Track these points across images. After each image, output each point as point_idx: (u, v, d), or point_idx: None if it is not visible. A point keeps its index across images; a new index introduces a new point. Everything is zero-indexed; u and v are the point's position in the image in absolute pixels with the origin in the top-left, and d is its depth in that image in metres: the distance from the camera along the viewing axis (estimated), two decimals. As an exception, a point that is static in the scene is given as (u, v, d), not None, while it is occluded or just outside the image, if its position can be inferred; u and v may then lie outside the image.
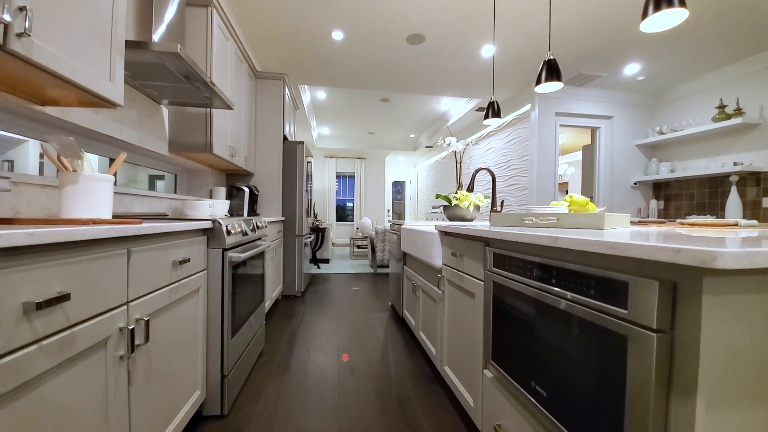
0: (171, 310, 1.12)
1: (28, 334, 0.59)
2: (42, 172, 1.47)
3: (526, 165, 4.53)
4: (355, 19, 2.91)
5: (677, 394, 0.55)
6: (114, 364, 0.83)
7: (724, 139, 3.82)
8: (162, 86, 1.76)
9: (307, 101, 5.42)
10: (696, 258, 0.48)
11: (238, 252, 1.56)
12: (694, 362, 0.53)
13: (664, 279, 0.56)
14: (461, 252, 1.40)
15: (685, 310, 0.54)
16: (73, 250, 0.70)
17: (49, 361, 0.64)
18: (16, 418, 0.58)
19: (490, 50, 3.42)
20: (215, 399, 1.43)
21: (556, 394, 0.80)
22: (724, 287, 0.52)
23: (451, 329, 1.52)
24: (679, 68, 3.76)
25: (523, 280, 0.94)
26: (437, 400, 1.60)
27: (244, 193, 2.98)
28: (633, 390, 0.59)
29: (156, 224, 0.98)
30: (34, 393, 0.61)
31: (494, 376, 1.13)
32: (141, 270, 0.94)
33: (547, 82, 1.90)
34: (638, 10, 2.68)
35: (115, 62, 1.24)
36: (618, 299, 0.63)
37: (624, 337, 0.61)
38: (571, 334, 0.75)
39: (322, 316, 2.87)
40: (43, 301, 0.60)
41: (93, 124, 1.51)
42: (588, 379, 0.70)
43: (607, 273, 0.66)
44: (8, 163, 1.37)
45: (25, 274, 0.59)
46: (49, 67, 0.97)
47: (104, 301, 0.79)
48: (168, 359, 1.10)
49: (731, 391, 0.53)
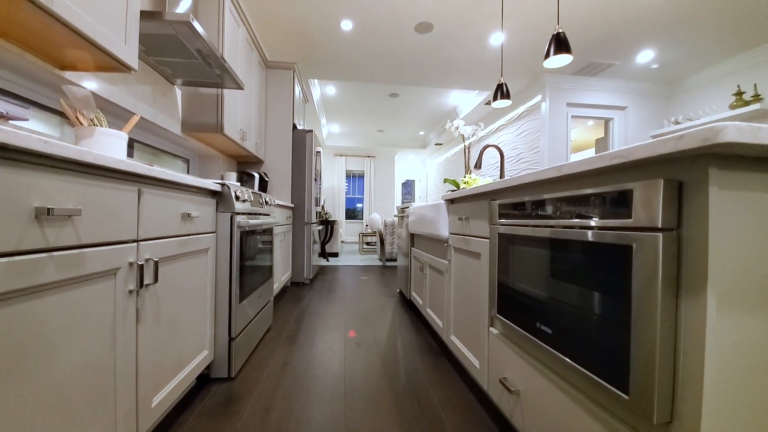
0: (180, 261, 1.15)
1: (39, 240, 0.62)
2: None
3: (537, 158, 4.47)
4: (363, 8, 2.95)
5: (687, 295, 0.53)
6: (123, 297, 0.85)
7: (744, 126, 3.71)
8: (175, 63, 1.82)
9: (317, 97, 5.49)
10: (699, 138, 0.46)
11: (247, 219, 1.58)
12: (703, 260, 0.51)
13: (670, 179, 0.55)
14: (467, 215, 1.39)
15: (692, 207, 0.53)
16: (86, 173, 0.73)
17: (59, 273, 0.66)
18: (24, 320, 0.60)
19: (499, 38, 3.41)
20: (223, 362, 1.44)
21: (561, 329, 0.78)
22: (730, 181, 0.51)
23: (458, 298, 1.51)
24: (694, 56, 3.67)
25: (528, 222, 0.93)
26: (443, 370, 1.58)
27: (254, 178, 3.03)
28: (639, 297, 0.57)
29: (167, 171, 1.00)
30: (43, 300, 0.63)
31: (500, 332, 1.11)
32: (151, 213, 0.96)
33: (556, 55, 1.88)
34: (650, -10, 2.64)
35: (131, 27, 1.29)
36: (622, 210, 0.61)
37: (629, 247, 0.59)
38: (576, 262, 0.74)
39: (330, 300, 2.88)
40: (55, 207, 0.62)
41: (109, 95, 1.56)
42: (593, 302, 0.68)
43: (610, 188, 0.64)
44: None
45: (39, 180, 0.61)
46: (69, 21, 1.01)
47: (115, 232, 0.81)
48: (176, 311, 1.12)
49: (745, 290, 0.51)
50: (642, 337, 0.57)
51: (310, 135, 3.51)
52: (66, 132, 1.50)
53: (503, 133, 5.31)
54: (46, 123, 1.43)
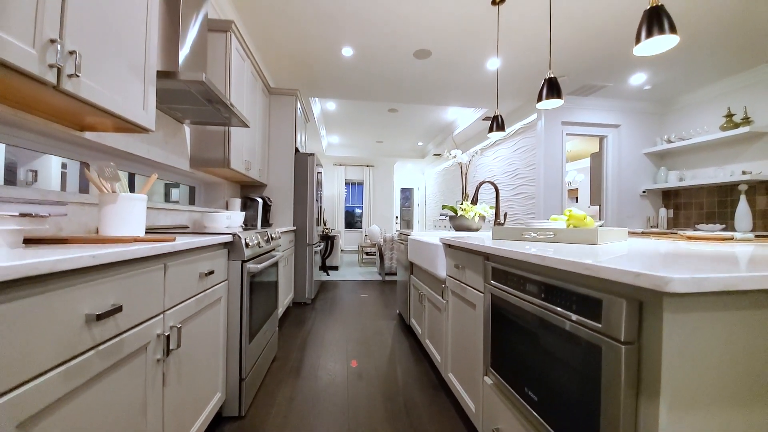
0: (198, 317, 1.24)
1: (88, 341, 0.71)
2: (65, 182, 1.58)
3: (533, 174, 4.58)
4: (363, 36, 3.04)
5: (644, 397, 0.63)
6: (152, 367, 0.94)
7: (733, 147, 3.82)
8: (186, 108, 1.91)
9: (317, 112, 5.59)
10: (652, 282, 0.56)
11: (255, 263, 1.68)
12: (657, 370, 0.61)
13: (632, 297, 0.64)
14: (463, 264, 1.48)
15: (650, 325, 0.62)
16: (123, 267, 0.82)
17: (103, 363, 0.75)
18: (78, 411, 0.69)
19: (495, 63, 3.51)
20: (234, 400, 1.54)
21: (545, 399, 0.88)
22: (681, 306, 0.60)
23: (455, 338, 1.60)
24: (687, 78, 3.79)
25: (517, 294, 1.03)
26: (442, 405, 1.68)
27: (257, 204, 3.12)
28: (607, 394, 0.67)
29: (187, 240, 1.10)
30: (91, 390, 0.73)
31: (493, 383, 1.21)
32: (174, 282, 1.05)
33: (547, 100, 1.99)
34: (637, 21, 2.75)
35: (148, 92, 1.38)
36: (594, 314, 0.71)
37: (599, 348, 0.69)
38: (557, 343, 0.83)
39: (331, 323, 2.97)
40: (103, 312, 0.71)
41: (126, 146, 1.65)
42: (571, 384, 0.78)
43: (585, 291, 0.74)
44: (32, 173, 1.50)
45: (87, 289, 0.71)
46: (93, 101, 1.10)
47: (147, 310, 0.91)
48: (195, 363, 1.22)
49: (690, 395, 0.61)
50: (609, 428, 0.66)
51: (311, 158, 3.60)
52: (69, 175, 1.59)
53: (500, 148, 5.42)
54: (47, 171, 1.51)
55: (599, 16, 2.66)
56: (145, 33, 1.33)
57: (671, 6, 2.53)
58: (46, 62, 0.88)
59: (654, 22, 1.36)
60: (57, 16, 0.92)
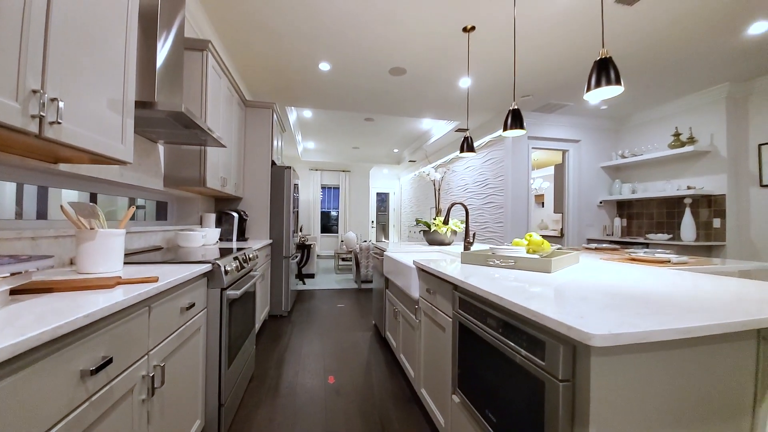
0: (179, 351, 1.27)
1: (83, 394, 0.75)
2: (20, 199, 1.48)
3: (502, 184, 4.82)
4: (340, 53, 3.11)
5: (577, 428, 0.76)
6: (138, 407, 0.98)
7: (680, 164, 4.21)
8: (161, 132, 1.91)
9: (293, 119, 5.57)
10: (580, 336, 0.69)
11: (234, 289, 1.71)
12: (587, 404, 0.74)
13: (568, 341, 0.77)
14: (434, 289, 1.60)
15: (581, 366, 0.75)
16: (111, 318, 0.86)
17: (96, 413, 0.79)
18: (75, 462, 0.73)
19: (466, 82, 3.69)
20: (212, 427, 1.57)
21: (503, 422, 1.00)
22: (605, 350, 0.74)
23: (427, 355, 1.72)
24: (639, 98, 4.13)
25: (480, 324, 1.15)
26: (415, 419, 1.79)
27: (233, 218, 3.11)
28: (549, 424, 0.80)
29: (169, 279, 1.13)
30: (85, 439, 0.77)
31: (460, 401, 1.33)
32: (157, 321, 1.09)
33: (512, 129, 2.15)
34: (595, 53, 3.00)
35: (126, 125, 1.39)
36: (539, 353, 0.84)
37: (543, 382, 0.82)
38: (512, 373, 0.96)
39: (308, 336, 3.02)
40: (96, 367, 0.76)
41: (98, 172, 1.64)
42: (522, 411, 0.90)
43: (533, 332, 0.87)
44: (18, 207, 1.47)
45: (81, 347, 0.75)
46: (75, 145, 1.11)
47: (133, 355, 0.94)
48: (176, 395, 1.25)
49: (616, 426, 0.75)
50: (551, 451, 0.79)
51: (288, 171, 3.62)
52: (26, 199, 1.57)
53: (471, 158, 5.65)
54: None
55: (562, 45, 2.88)
56: (123, 65, 1.33)
57: (619, 43, 2.78)
58: (29, 113, 0.90)
59: (602, 73, 1.53)
60: (39, 64, 0.93)
